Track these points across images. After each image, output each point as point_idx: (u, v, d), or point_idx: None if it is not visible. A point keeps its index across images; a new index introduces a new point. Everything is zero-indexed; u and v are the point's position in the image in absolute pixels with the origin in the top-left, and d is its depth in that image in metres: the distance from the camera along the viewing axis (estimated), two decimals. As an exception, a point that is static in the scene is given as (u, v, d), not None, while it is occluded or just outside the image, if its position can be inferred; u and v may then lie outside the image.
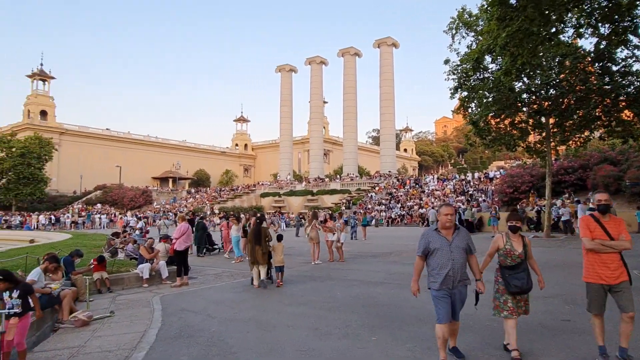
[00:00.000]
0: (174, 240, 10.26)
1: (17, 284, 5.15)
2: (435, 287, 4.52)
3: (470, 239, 4.66)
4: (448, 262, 4.43)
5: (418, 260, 4.69)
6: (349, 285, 9.54)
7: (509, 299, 4.78)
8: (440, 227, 4.58)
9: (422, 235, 4.69)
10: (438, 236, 4.53)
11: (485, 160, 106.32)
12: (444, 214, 4.55)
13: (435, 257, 4.50)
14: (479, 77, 22.19)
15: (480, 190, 40.52)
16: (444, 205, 4.67)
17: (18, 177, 49.65)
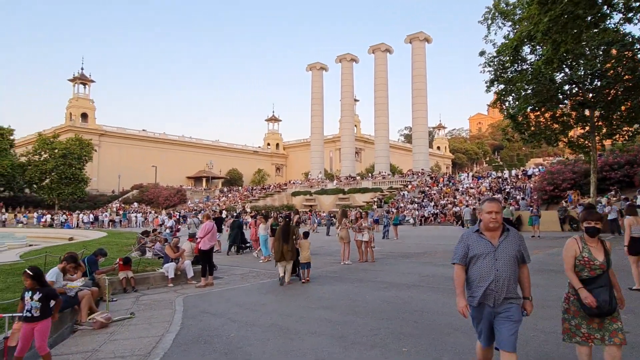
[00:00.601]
0: (199, 240, 10.05)
1: (42, 287, 5.01)
2: (474, 302, 3.60)
3: (524, 244, 3.63)
4: (490, 273, 3.49)
5: (457, 271, 3.73)
6: (378, 287, 9.05)
7: (582, 323, 3.72)
8: (483, 227, 3.63)
9: (460, 238, 3.75)
10: (480, 239, 3.59)
11: (523, 157, 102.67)
12: (487, 211, 3.57)
13: (475, 266, 3.58)
14: (516, 68, 21.16)
15: (518, 188, 38.89)
16: (487, 201, 3.66)
17: (60, 177, 51.50)
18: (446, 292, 8.31)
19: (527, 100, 18.97)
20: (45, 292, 5.01)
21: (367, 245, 13.57)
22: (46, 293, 5.00)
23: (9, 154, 50.18)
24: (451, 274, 9.00)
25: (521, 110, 19.20)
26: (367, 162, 77.48)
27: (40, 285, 5.04)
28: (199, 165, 78.48)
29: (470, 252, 3.60)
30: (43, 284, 5.09)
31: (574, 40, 12.44)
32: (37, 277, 5.04)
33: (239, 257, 16.23)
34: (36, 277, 5.03)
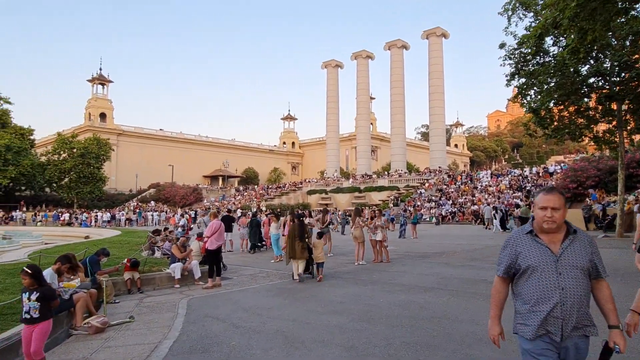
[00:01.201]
0: (205, 239, 9.69)
1: (41, 286, 4.72)
2: (528, 334, 2.62)
3: (597, 252, 2.66)
4: (553, 292, 2.54)
5: (498, 284, 2.82)
6: (394, 290, 8.53)
7: None
8: (537, 229, 2.67)
9: (506, 241, 2.80)
10: (535, 244, 2.64)
11: (543, 155, 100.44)
12: (540, 206, 2.62)
13: (529, 282, 2.62)
14: (538, 61, 20.31)
15: (539, 186, 37.80)
16: (543, 192, 2.68)
17: (79, 176, 52.14)
18: (467, 296, 7.76)
19: (550, 93, 18.10)
20: (43, 291, 4.72)
21: (381, 244, 13.05)
22: (43, 293, 4.71)
23: (29, 154, 50.97)
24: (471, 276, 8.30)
25: (544, 104, 18.32)
26: (384, 160, 76.66)
27: (39, 285, 4.73)
28: (216, 164, 78.77)
29: (521, 262, 2.64)
30: (42, 283, 4.78)
31: (602, 28, 11.67)
32: (35, 276, 4.76)
33: (252, 256, 15.86)
34: (34, 276, 4.75)
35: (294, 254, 9.93)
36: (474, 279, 9.49)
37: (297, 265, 9.99)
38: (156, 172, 68.94)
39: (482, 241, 19.49)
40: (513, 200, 35.74)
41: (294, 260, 10.01)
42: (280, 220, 14.83)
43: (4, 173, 46.18)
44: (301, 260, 10.00)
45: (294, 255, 9.93)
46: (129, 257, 9.53)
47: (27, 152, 50.49)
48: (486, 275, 10.05)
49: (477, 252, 15.30)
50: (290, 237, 10.20)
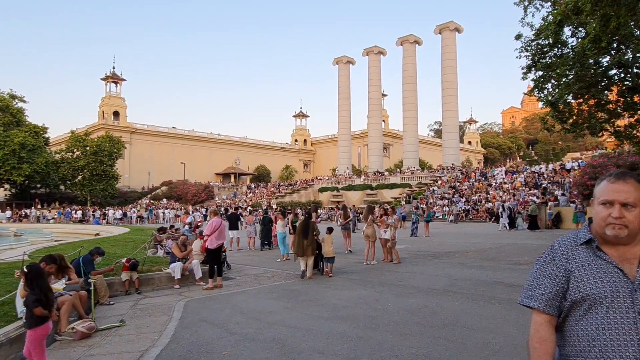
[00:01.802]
0: (206, 238, 9.28)
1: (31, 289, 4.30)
2: None
3: None
4: (629, 341, 1.56)
5: (541, 326, 1.77)
6: (403, 293, 8.02)
7: None
8: (598, 238, 1.73)
9: (549, 253, 1.84)
10: (597, 262, 1.69)
11: (559, 151, 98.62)
12: (603, 200, 1.69)
13: (586, 320, 1.66)
14: (556, 53, 19.54)
15: (556, 183, 36.81)
16: (608, 179, 1.73)
17: (92, 173, 52.47)
18: (482, 300, 7.21)
19: (568, 86, 17.32)
20: (27, 297, 4.29)
21: (392, 243, 12.54)
22: (27, 298, 4.29)
23: (43, 152, 51.42)
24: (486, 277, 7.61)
25: (562, 97, 17.54)
26: (396, 157, 75.80)
27: (30, 288, 4.31)
28: (228, 162, 78.77)
29: (574, 289, 1.68)
30: (32, 287, 4.33)
31: (627, 13, 10.97)
32: (27, 277, 4.37)
33: (259, 255, 15.45)
34: (27, 277, 4.36)
35: (301, 251, 10.03)
36: (489, 281, 8.93)
37: (305, 262, 10.05)
38: (168, 170, 69.21)
39: (497, 239, 18.82)
40: (529, 197, 34.82)
41: (301, 257, 10.10)
42: (286, 218, 14.39)
43: (18, 171, 46.63)
44: (309, 257, 10.06)
45: (301, 253, 10.02)
46: (128, 258, 9.18)
47: (41, 150, 50.92)
48: (501, 276, 9.47)
49: (492, 251, 14.68)
50: (297, 235, 10.31)
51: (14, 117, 49.61)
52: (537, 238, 18.98)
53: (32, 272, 4.34)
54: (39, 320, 4.20)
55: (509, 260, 12.14)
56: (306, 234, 10.08)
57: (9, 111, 49.46)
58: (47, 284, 4.47)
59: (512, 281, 8.85)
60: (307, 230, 10.13)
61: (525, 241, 17.72)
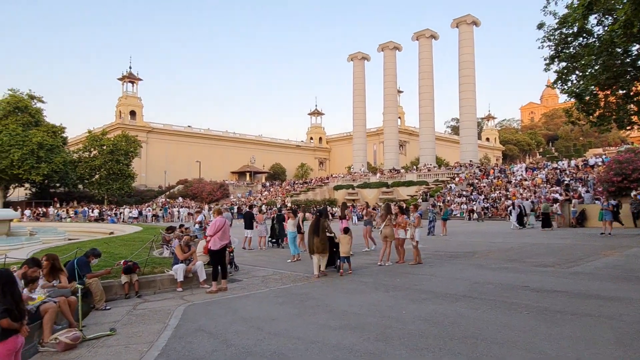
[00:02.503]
0: (208, 238, 8.81)
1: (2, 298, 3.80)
2: None
3: None
4: None
5: None
6: (419, 298, 7.40)
7: None
8: None
9: None
10: None
11: (580, 147, 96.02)
12: None
13: None
14: (581, 42, 18.58)
15: (579, 180, 35.49)
16: None
17: (108, 173, 52.88)
18: (506, 307, 6.55)
19: (595, 77, 16.38)
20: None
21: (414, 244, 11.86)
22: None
23: (61, 151, 52.00)
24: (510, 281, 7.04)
25: (588, 88, 16.60)
26: (412, 155, 74.72)
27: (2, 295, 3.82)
28: (243, 161, 78.78)
29: None
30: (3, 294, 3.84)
31: (664, -5, 10.12)
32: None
33: (269, 255, 14.95)
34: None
35: (312, 249, 10.28)
36: (513, 285, 8.24)
37: (318, 260, 10.24)
38: (184, 169, 69.51)
39: (519, 239, 17.99)
40: (551, 194, 33.66)
41: (314, 255, 10.27)
42: (297, 217, 13.87)
43: (37, 170, 47.16)
44: (321, 255, 10.24)
45: (313, 251, 10.24)
46: (125, 260, 8.73)
47: (59, 150, 51.51)
48: (527, 280, 8.77)
49: (515, 251, 13.91)
50: (308, 233, 10.58)
51: (32, 117, 50.22)
52: (561, 237, 18.07)
53: (2, 279, 3.85)
54: (6, 334, 3.73)
55: (533, 262, 11.39)
56: (317, 232, 10.24)
57: (28, 111, 50.08)
58: (19, 293, 4.00)
59: (539, 285, 8.14)
60: (318, 229, 10.29)
61: (550, 241, 16.85)
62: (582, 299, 6.98)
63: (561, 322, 5.60)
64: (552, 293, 7.44)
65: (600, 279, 8.69)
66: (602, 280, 8.60)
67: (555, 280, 8.61)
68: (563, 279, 8.84)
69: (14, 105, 48.86)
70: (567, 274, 9.36)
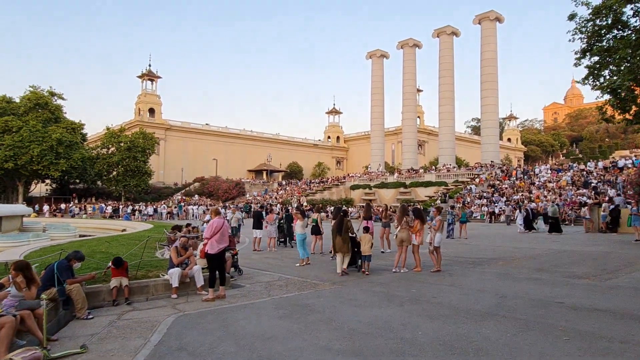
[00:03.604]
0: (205, 241, 8.07)
1: None
2: None
3: None
4: None
5: None
6: (438, 314, 6.51)
7: None
8: None
9: None
10: None
11: (606, 149, 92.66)
12: None
13: None
14: (615, 35, 17.36)
15: (607, 182, 33.78)
16: None
17: (125, 169, 53.04)
18: (540, 330, 5.61)
19: (632, 71, 15.14)
20: None
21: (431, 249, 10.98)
22: None
23: (80, 147, 52.35)
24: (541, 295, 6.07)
25: (625, 83, 15.36)
26: (431, 155, 73.17)
27: None
28: (260, 159, 78.47)
29: None
30: None
31: None
32: None
33: (278, 257, 14.19)
34: None
35: (335, 248, 10.64)
36: (545, 301, 7.27)
37: (341, 258, 10.54)
38: (202, 166, 69.56)
39: (545, 244, 16.82)
40: (577, 198, 32.10)
41: (338, 254, 10.62)
42: (306, 218, 13.09)
43: (55, 166, 47.51)
44: (345, 254, 10.54)
45: (337, 250, 10.59)
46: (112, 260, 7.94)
47: (77, 146, 51.87)
48: (561, 294, 7.77)
49: (542, 259, 12.82)
50: (332, 232, 10.91)
51: (52, 114, 50.64)
52: (592, 244, 16.83)
53: None
54: None
55: (564, 272, 10.33)
56: (340, 231, 10.53)
57: (48, 108, 50.52)
58: None
59: (575, 301, 7.16)
60: (341, 228, 10.55)
61: (580, 247, 15.65)
62: (630, 321, 6.00)
63: (609, 353, 4.67)
64: (592, 312, 6.47)
65: (646, 295, 7.66)
66: (649, 296, 7.56)
67: (594, 296, 7.60)
68: (602, 294, 7.82)
69: (35, 102, 49.35)
70: (605, 288, 8.33)
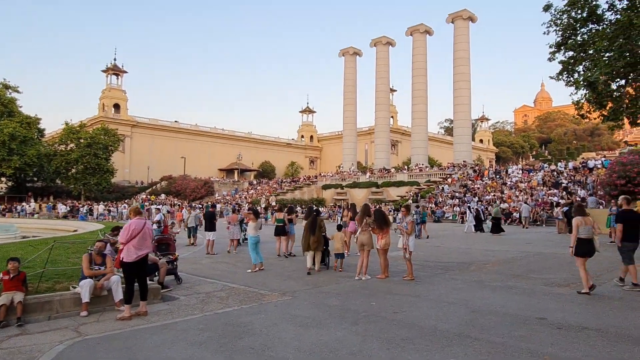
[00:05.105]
0: (121, 247, 6.63)
1: None
2: None
3: None
4: None
5: None
6: (397, 338, 5.30)
7: None
8: None
9: None
10: None
11: (573, 151, 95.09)
12: None
13: None
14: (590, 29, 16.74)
15: (577, 183, 33.71)
16: None
17: (85, 167, 50.30)
18: (521, 356, 4.47)
19: (609, 64, 14.40)
20: None
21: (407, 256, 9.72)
22: None
23: (36, 143, 49.33)
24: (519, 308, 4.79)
25: (602, 76, 14.58)
26: (404, 155, 72.80)
27: None
28: (231, 158, 76.45)
29: None
30: None
31: None
32: None
33: (232, 260, 12.78)
34: None
35: (307, 247, 10.65)
36: (524, 316, 6.18)
37: (312, 257, 10.63)
38: (170, 165, 67.12)
39: (520, 247, 15.98)
40: (548, 198, 31.85)
41: (309, 253, 10.65)
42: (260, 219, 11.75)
43: (8, 163, 44.57)
44: (316, 252, 10.65)
45: (308, 248, 10.62)
46: (4, 271, 6.47)
47: (33, 142, 48.85)
48: (541, 307, 6.70)
49: (517, 263, 11.86)
50: (304, 231, 10.90)
51: (5, 107, 47.54)
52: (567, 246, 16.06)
53: None
54: None
55: (541, 279, 9.36)
56: (313, 230, 10.59)
57: (0, 101, 47.37)
58: None
59: (559, 317, 6.08)
60: (315, 227, 10.63)
61: (555, 250, 14.81)
62: (628, 345, 4.94)
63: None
64: (581, 332, 5.39)
65: (637, 308, 6.67)
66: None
67: (579, 310, 6.56)
68: (587, 307, 6.79)
69: (-15, 95, 46.17)
70: (589, 299, 7.33)
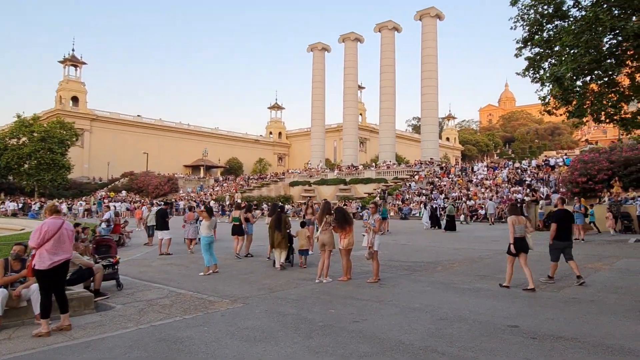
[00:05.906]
0: (33, 252, 5.69)
1: None
2: None
3: None
4: None
5: None
6: (353, 353, 4.62)
7: None
8: None
9: None
10: None
11: (536, 150, 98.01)
12: None
13: None
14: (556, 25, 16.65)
15: (540, 180, 34.32)
16: None
17: (39, 162, 47.58)
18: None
19: (576, 59, 14.26)
20: None
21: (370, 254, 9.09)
22: None
23: (-19, 138, 46.36)
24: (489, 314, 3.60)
25: (569, 71, 14.43)
26: (372, 152, 72.86)
27: None
28: (197, 154, 74.44)
29: None
30: None
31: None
32: None
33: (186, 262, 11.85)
34: None
35: (273, 244, 10.62)
36: (495, 324, 5.65)
37: (279, 254, 10.59)
38: (132, 161, 64.53)
39: (487, 245, 15.73)
40: (513, 195, 32.23)
41: (275, 250, 10.65)
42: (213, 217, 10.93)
43: (-50, 158, 41.59)
44: (282, 250, 10.56)
45: (274, 246, 10.58)
46: None
47: (-22, 136, 45.89)
48: (512, 312, 6.20)
49: (484, 262, 11.49)
50: (270, 228, 10.77)
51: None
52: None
53: None
54: None
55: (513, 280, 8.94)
56: (279, 227, 10.46)
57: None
58: None
59: (531, 325, 5.58)
60: (280, 224, 10.50)
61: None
62: (605, 356, 4.46)
63: None
64: (557, 343, 4.88)
65: (610, 312, 6.27)
66: (614, 314, 6.16)
67: (551, 314, 6.09)
68: (560, 310, 6.35)
69: None
70: (562, 301, 6.91)
